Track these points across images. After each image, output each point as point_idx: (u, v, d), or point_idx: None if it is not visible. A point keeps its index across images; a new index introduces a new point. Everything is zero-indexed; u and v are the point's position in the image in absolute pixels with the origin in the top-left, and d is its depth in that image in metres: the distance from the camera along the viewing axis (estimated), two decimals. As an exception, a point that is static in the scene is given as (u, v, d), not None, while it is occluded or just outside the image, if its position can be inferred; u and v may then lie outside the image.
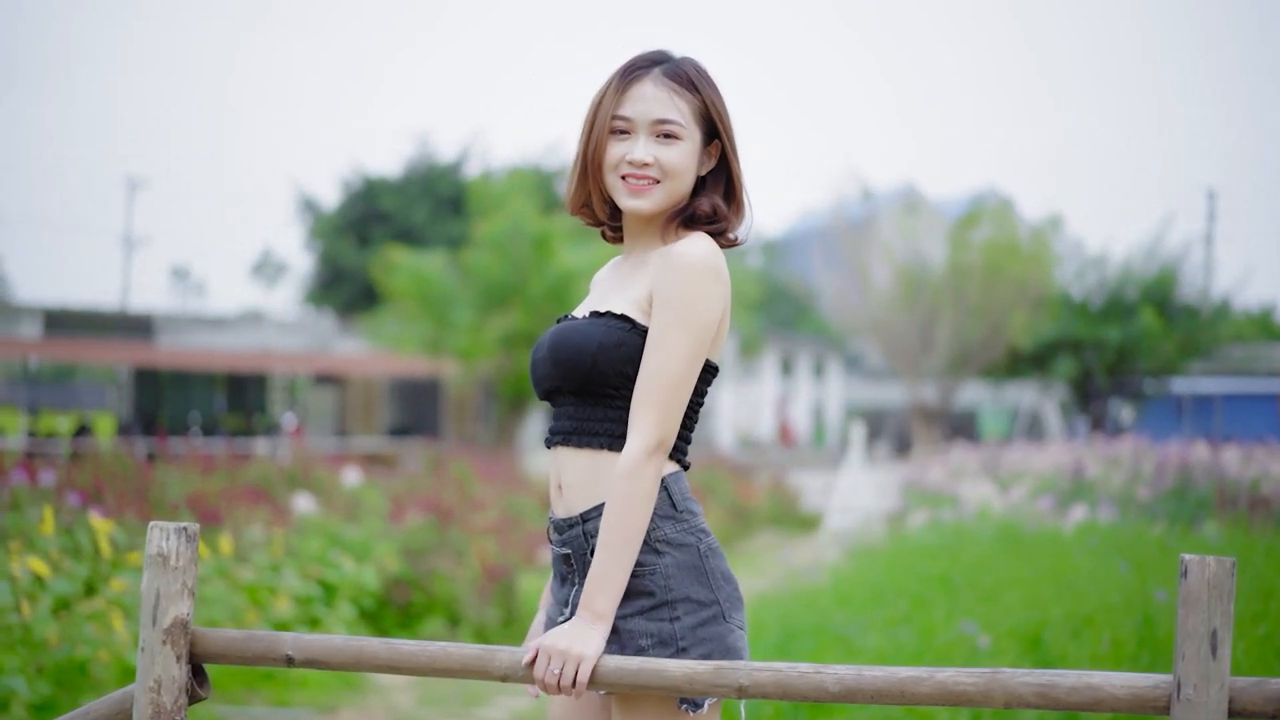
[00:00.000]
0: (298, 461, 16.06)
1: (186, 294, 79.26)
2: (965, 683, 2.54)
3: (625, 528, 2.90)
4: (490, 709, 8.47)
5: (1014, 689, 2.52)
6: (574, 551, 3.08)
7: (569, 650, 2.82)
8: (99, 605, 7.18)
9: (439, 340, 28.30)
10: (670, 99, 3.08)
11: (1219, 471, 17.00)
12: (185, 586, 2.85)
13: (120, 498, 10.54)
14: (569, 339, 3.08)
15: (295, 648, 2.83)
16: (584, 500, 3.06)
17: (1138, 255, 36.94)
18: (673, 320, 2.97)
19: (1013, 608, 7.99)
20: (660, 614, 2.95)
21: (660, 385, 2.96)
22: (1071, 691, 2.50)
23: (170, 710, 2.76)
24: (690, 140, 3.10)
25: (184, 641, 2.82)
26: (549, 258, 27.34)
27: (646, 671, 2.77)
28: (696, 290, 2.98)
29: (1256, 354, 44.69)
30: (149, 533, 2.85)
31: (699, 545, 3.04)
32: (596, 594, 2.89)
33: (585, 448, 3.06)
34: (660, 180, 3.09)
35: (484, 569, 11.18)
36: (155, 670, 2.79)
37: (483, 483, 16.50)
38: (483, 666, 2.85)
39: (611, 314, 3.08)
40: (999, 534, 13.02)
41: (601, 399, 3.05)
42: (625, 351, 3.02)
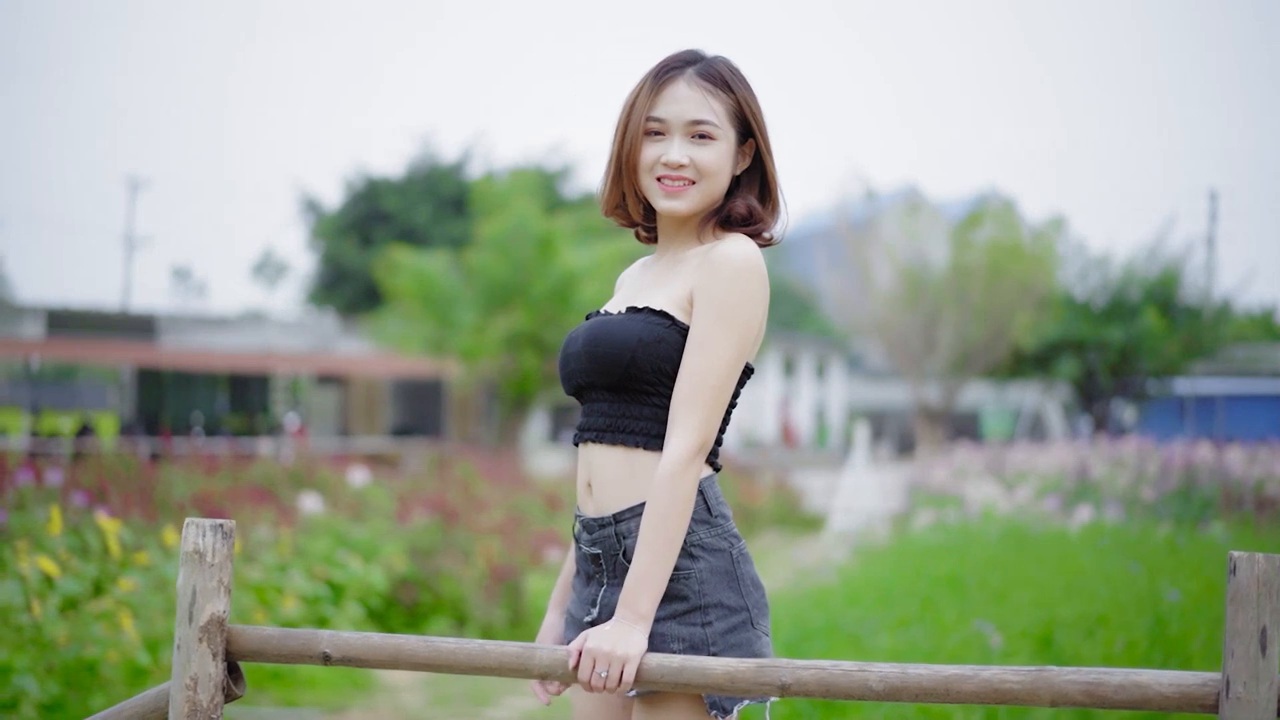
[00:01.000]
0: (301, 461, 16.05)
1: (188, 294, 79.20)
2: (1011, 681, 2.52)
3: (669, 530, 2.88)
4: (498, 709, 8.44)
5: (1060, 687, 2.50)
6: (604, 552, 3.05)
7: (613, 651, 2.80)
8: (107, 605, 7.15)
9: (442, 340, 28.27)
10: (705, 99, 3.06)
11: (1223, 472, 16.99)
12: (221, 583, 2.82)
13: (125, 498, 10.53)
14: (607, 333, 3.04)
15: (332, 645, 2.80)
16: (617, 500, 3.03)
17: (1140, 256, 36.92)
18: (717, 321, 2.94)
19: (1023, 608, 7.97)
20: (693, 619, 2.94)
21: (704, 386, 2.93)
22: (1119, 690, 2.47)
23: (207, 708, 2.73)
24: (725, 140, 3.08)
25: (220, 639, 2.79)
26: (552, 258, 27.31)
27: (689, 670, 2.74)
28: (741, 292, 2.96)
29: (1259, 355, 44.68)
30: (184, 529, 2.82)
31: (731, 550, 3.03)
32: (639, 595, 2.86)
33: (619, 445, 3.03)
34: (696, 181, 3.07)
35: (490, 569, 11.16)
36: (191, 668, 2.76)
37: (487, 483, 16.48)
38: (522, 665, 2.82)
39: (650, 310, 3.04)
40: (1005, 534, 13.01)
41: (638, 396, 3.02)
42: (664, 348, 2.99)
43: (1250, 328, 44.64)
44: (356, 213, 42.51)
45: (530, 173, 33.00)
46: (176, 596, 2.82)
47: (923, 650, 6.79)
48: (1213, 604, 7.63)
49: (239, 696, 2.81)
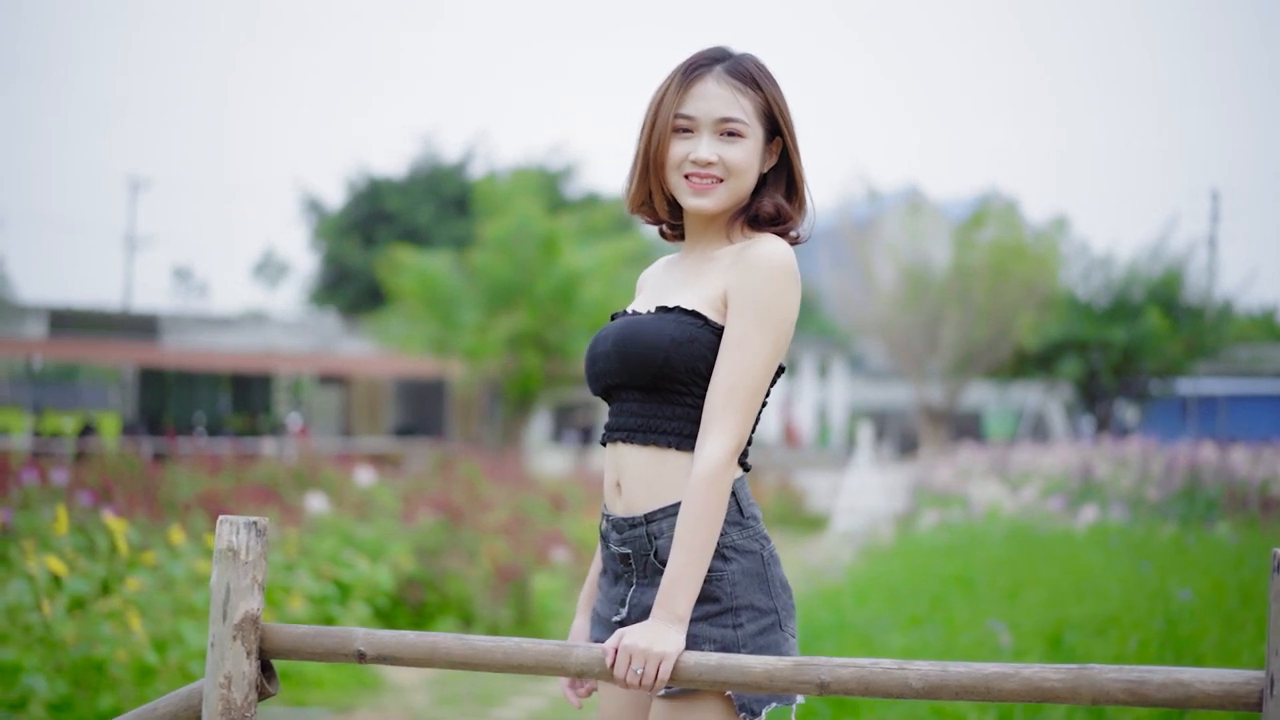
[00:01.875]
0: (304, 461, 16.04)
1: (189, 294, 79.21)
2: (1052, 679, 2.50)
3: (706, 531, 2.86)
4: (506, 709, 8.43)
5: (1102, 685, 2.48)
6: (635, 551, 3.04)
7: (650, 649, 2.78)
8: (115, 604, 7.13)
9: (445, 340, 28.25)
10: (734, 97, 3.05)
11: (1228, 472, 16.98)
12: (255, 581, 2.80)
13: (129, 497, 10.52)
14: (639, 333, 3.02)
15: (367, 643, 2.79)
16: (648, 500, 3.02)
17: (1143, 256, 36.91)
18: (754, 322, 2.93)
19: (1033, 607, 7.96)
20: (724, 620, 2.93)
21: (741, 387, 2.92)
22: (1161, 688, 2.45)
23: (241, 706, 2.71)
24: (753, 138, 3.06)
25: (254, 637, 2.77)
26: (555, 258, 27.30)
27: (728, 668, 2.73)
28: (777, 293, 2.95)
29: (1262, 355, 44.68)
30: (218, 526, 2.80)
31: (762, 552, 3.02)
32: (676, 596, 2.84)
33: (650, 445, 3.01)
34: (724, 179, 3.06)
35: (496, 569, 11.15)
36: (225, 666, 2.74)
37: (491, 483, 16.47)
38: (559, 663, 2.80)
39: (682, 309, 3.03)
40: (1011, 534, 13.00)
41: (670, 396, 3.01)
42: (698, 348, 2.98)
43: (1252, 328, 44.63)
44: (359, 213, 42.52)
45: (532, 173, 33.02)
46: (210, 594, 2.80)
47: (935, 649, 6.77)
48: (1223, 603, 7.62)
49: (272, 695, 2.80)
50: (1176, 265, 36.88)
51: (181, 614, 7.77)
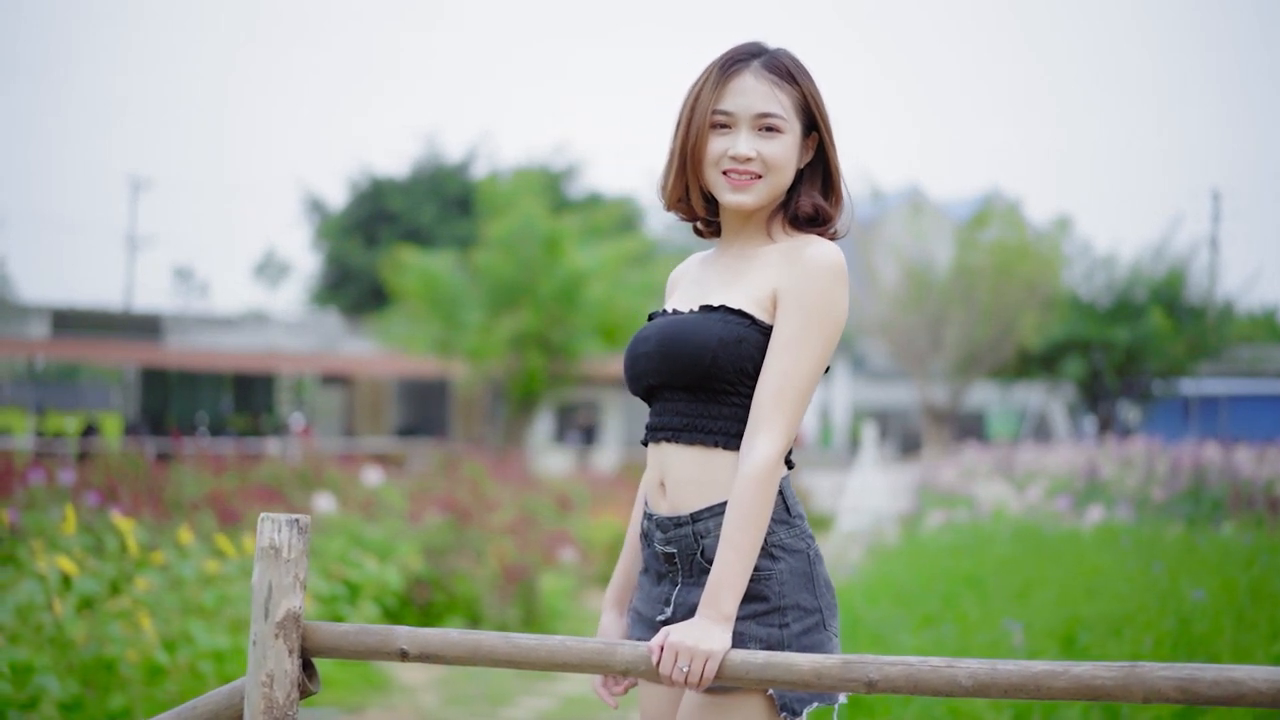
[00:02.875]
0: (309, 461, 16.01)
1: (190, 294, 79.17)
2: (1103, 677, 2.48)
3: (755, 531, 2.86)
4: (515, 709, 8.42)
5: (1153, 683, 2.47)
6: (680, 551, 3.03)
7: (697, 646, 2.77)
8: (125, 604, 7.12)
9: (448, 340, 28.24)
10: (771, 92, 3.04)
11: (1232, 473, 16.97)
12: (297, 579, 2.78)
13: (134, 497, 10.51)
14: (685, 333, 3.01)
15: (410, 641, 2.77)
16: (695, 500, 3.01)
17: (1146, 256, 36.92)
18: (806, 325, 2.94)
19: (1044, 607, 7.95)
20: (771, 620, 2.93)
21: (791, 388, 2.92)
22: (1213, 686, 2.44)
23: (283, 705, 2.69)
24: (791, 133, 3.05)
25: (296, 635, 2.76)
26: (559, 258, 27.28)
27: (775, 666, 2.71)
28: (829, 297, 2.96)
29: (1263, 355, 44.68)
30: (260, 524, 2.79)
31: (808, 551, 3.02)
32: (723, 595, 2.84)
33: (696, 445, 3.01)
34: (763, 175, 3.05)
35: (503, 569, 11.14)
36: (268, 664, 2.72)
37: (495, 483, 16.46)
38: (604, 661, 2.79)
39: (727, 308, 3.02)
40: (1018, 534, 12.97)
41: (717, 395, 3.00)
42: (745, 348, 2.97)
43: (1253, 328, 44.64)
44: (361, 213, 42.51)
45: (535, 172, 33.02)
46: (251, 592, 2.78)
47: (949, 649, 6.76)
48: (1235, 603, 7.60)
49: (314, 693, 2.79)
50: (1179, 265, 36.88)
51: (190, 614, 7.77)
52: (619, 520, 15.59)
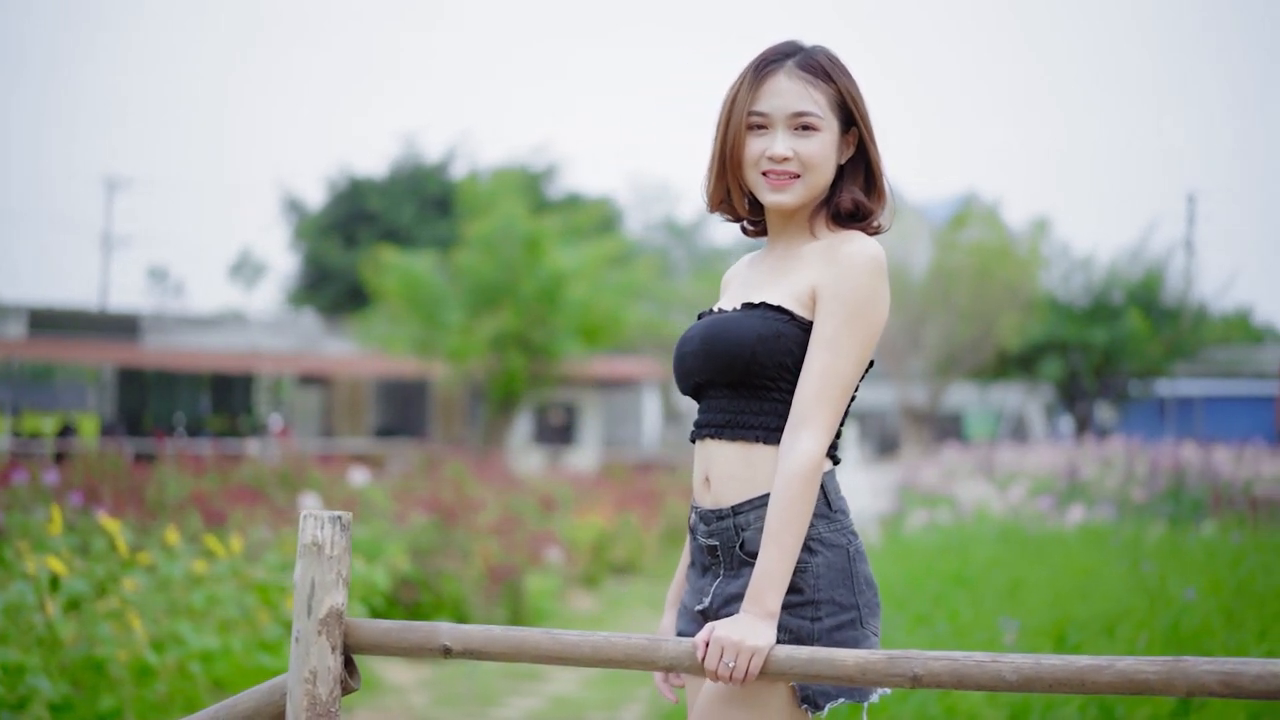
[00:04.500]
0: (288, 462, 15.96)
1: (165, 294, 78.87)
2: (1147, 671, 2.49)
3: (797, 527, 2.88)
4: (504, 709, 8.42)
5: (1197, 677, 2.47)
6: (722, 543, 3.05)
7: (742, 642, 2.78)
8: (114, 605, 7.09)
9: (429, 341, 28.21)
10: (806, 90, 3.05)
11: (1211, 473, 17.06)
12: (340, 576, 2.78)
13: (117, 498, 10.47)
14: (725, 331, 3.05)
15: (453, 638, 2.76)
16: (736, 493, 3.03)
17: (1123, 258, 37.08)
18: (846, 321, 2.95)
19: (1034, 607, 7.98)
20: (804, 612, 2.94)
21: (833, 385, 2.94)
22: (1256, 680, 2.45)
23: (325, 702, 2.68)
24: (829, 131, 3.07)
25: (339, 632, 2.75)
26: (539, 258, 27.28)
27: (819, 661, 2.71)
28: (869, 292, 2.98)
29: (1239, 357, 44.90)
30: (302, 522, 2.78)
31: (849, 547, 3.03)
32: (766, 591, 2.85)
33: (738, 440, 3.04)
34: (801, 174, 3.07)
35: (489, 569, 11.13)
36: (310, 661, 2.71)
37: (478, 483, 16.43)
38: (648, 657, 2.79)
39: (767, 305, 3.04)
40: (1002, 534, 13.02)
41: (758, 391, 3.02)
42: (784, 343, 2.99)
43: (1228, 329, 44.84)
44: (340, 213, 42.40)
45: (515, 173, 33.00)
46: (294, 589, 2.77)
47: (945, 648, 6.76)
48: (1224, 601, 7.64)
49: (354, 690, 2.78)
50: (1156, 267, 37.06)
51: (178, 615, 7.73)
52: (603, 520, 15.59)
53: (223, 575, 8.34)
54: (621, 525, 16.06)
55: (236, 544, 8.64)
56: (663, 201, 49.20)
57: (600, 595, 13.95)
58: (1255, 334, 52.68)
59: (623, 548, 15.86)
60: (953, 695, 5.92)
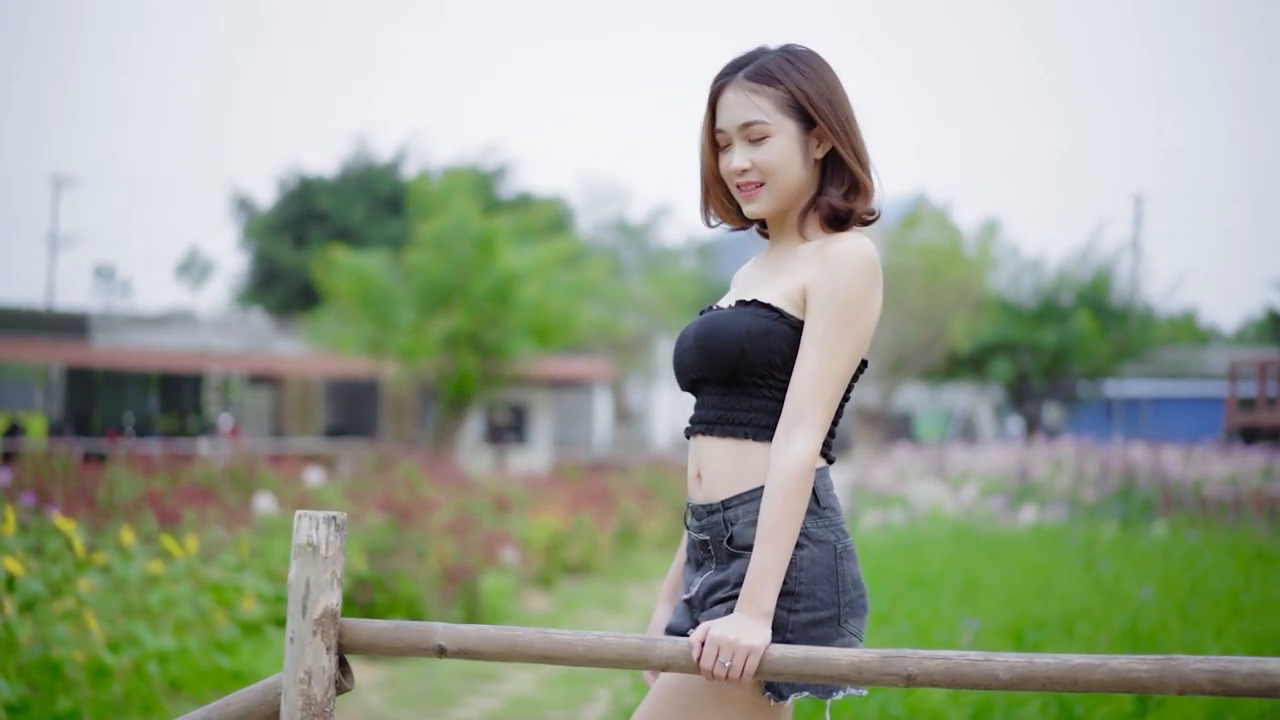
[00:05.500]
0: (239, 462, 15.85)
1: (111, 294, 78.22)
2: (1139, 670, 2.50)
3: (790, 526, 2.90)
4: (462, 709, 8.40)
5: (1188, 675, 2.49)
6: (712, 537, 3.08)
7: (738, 641, 2.80)
8: (70, 605, 7.03)
9: (380, 340, 28.11)
10: (749, 99, 3.10)
11: (1161, 473, 17.20)
12: (334, 576, 2.78)
13: (68, 498, 10.37)
14: (717, 328, 3.09)
15: (447, 638, 2.76)
16: (726, 488, 3.06)
17: (1073, 259, 37.34)
18: (835, 320, 2.98)
19: (992, 606, 8.03)
20: (782, 602, 2.95)
21: (824, 384, 2.97)
22: (1247, 678, 2.46)
23: (320, 702, 2.68)
24: (782, 133, 3.10)
25: (333, 632, 2.76)
26: (492, 258, 27.22)
27: (814, 660, 2.72)
28: (858, 289, 3.00)
29: (1187, 358, 45.30)
30: (296, 522, 2.78)
31: (836, 544, 3.04)
32: (760, 590, 2.87)
33: (728, 437, 3.07)
34: (764, 182, 3.12)
35: (444, 569, 11.10)
36: (305, 661, 2.71)
37: (431, 484, 16.38)
38: (642, 656, 2.79)
39: (759, 303, 3.08)
40: (956, 534, 13.09)
41: (748, 388, 3.06)
42: (773, 340, 3.03)
43: (1175, 331, 45.30)
44: (290, 212, 42.21)
45: (466, 172, 32.91)
46: (288, 589, 2.77)
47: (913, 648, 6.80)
48: (1180, 600, 7.70)
49: (348, 690, 2.78)
50: (1105, 269, 37.34)
51: (134, 615, 7.68)
52: (557, 521, 15.57)
53: (178, 575, 8.29)
54: (575, 525, 16.05)
55: (192, 544, 8.59)
56: (613, 201, 49.14)
57: (554, 595, 13.93)
58: (1201, 335, 53.21)
59: (577, 548, 15.85)
60: (915, 693, 5.94)
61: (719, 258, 56.27)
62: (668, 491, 21.65)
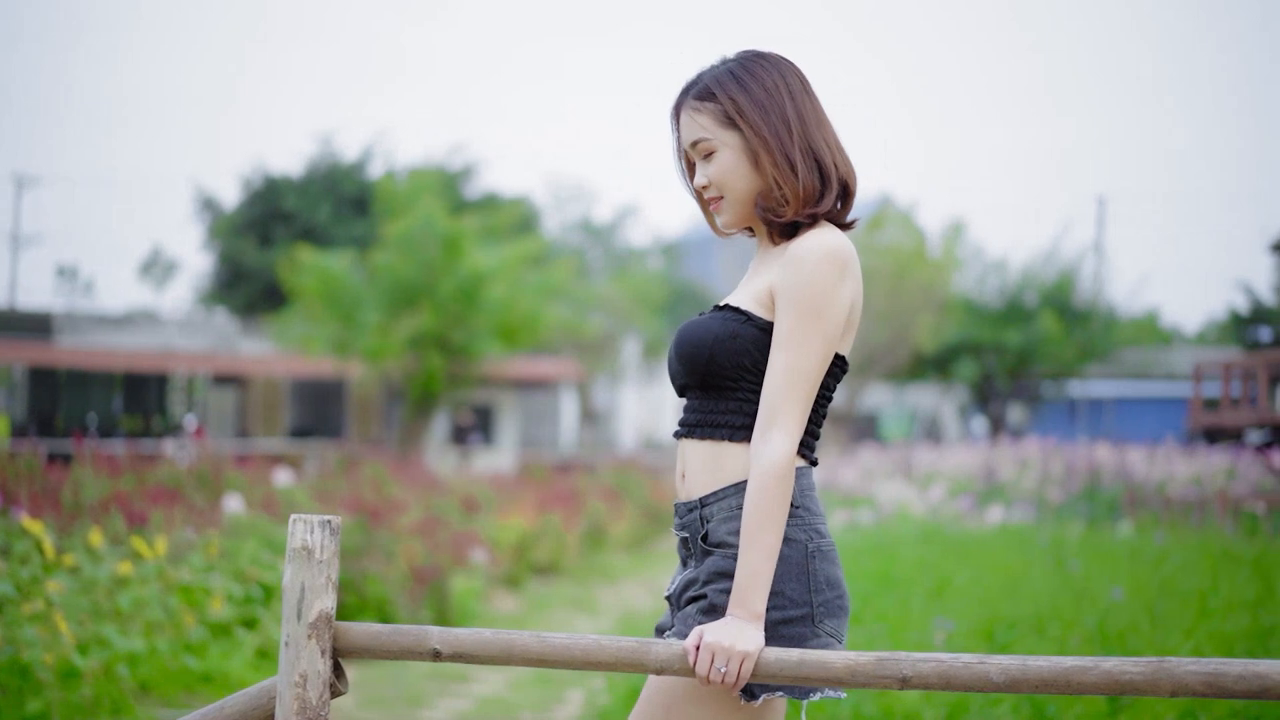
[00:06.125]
0: (205, 462, 15.75)
1: (74, 294, 77.71)
2: (1131, 672, 2.52)
3: (774, 527, 2.93)
4: (432, 710, 8.38)
5: (1181, 678, 2.51)
6: (691, 535, 3.13)
7: (733, 646, 2.83)
8: (39, 607, 6.99)
9: (346, 341, 28.04)
10: (694, 119, 3.19)
11: (1126, 474, 17.29)
12: (329, 580, 2.79)
13: (34, 499, 10.29)
14: (690, 334, 3.16)
15: (442, 641, 2.78)
16: (703, 486, 3.11)
17: (1037, 260, 37.51)
18: (798, 317, 3.01)
19: (962, 607, 8.05)
20: None
21: (794, 383, 2.99)
22: (1239, 680, 2.49)
23: (315, 705, 2.68)
24: (726, 147, 3.15)
25: (328, 635, 2.76)
26: (458, 258, 27.19)
27: (809, 664, 2.73)
28: (820, 285, 3.02)
29: (1150, 358, 45.55)
30: (291, 526, 2.79)
31: (808, 544, 3.05)
32: (750, 593, 2.89)
33: (707, 439, 3.12)
34: (723, 195, 3.19)
35: (413, 570, 11.08)
36: (300, 665, 2.72)
37: (398, 484, 16.33)
38: (638, 660, 2.80)
39: (730, 307, 3.14)
40: (925, 535, 13.13)
41: (722, 392, 3.10)
42: (740, 343, 3.07)
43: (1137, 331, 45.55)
44: (255, 211, 42.03)
45: (432, 172, 32.86)
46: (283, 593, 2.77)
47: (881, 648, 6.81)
48: (1149, 600, 7.74)
49: (342, 693, 2.78)
50: (1069, 270, 37.53)
51: (102, 617, 7.64)
52: (525, 521, 15.56)
53: (147, 577, 8.25)
54: (544, 526, 16.04)
55: (161, 546, 8.55)
56: (578, 201, 49.14)
57: (523, 596, 13.92)
58: (1163, 336, 53.50)
59: (545, 549, 15.84)
60: (889, 693, 5.95)
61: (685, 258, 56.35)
62: (635, 492, 21.65)
